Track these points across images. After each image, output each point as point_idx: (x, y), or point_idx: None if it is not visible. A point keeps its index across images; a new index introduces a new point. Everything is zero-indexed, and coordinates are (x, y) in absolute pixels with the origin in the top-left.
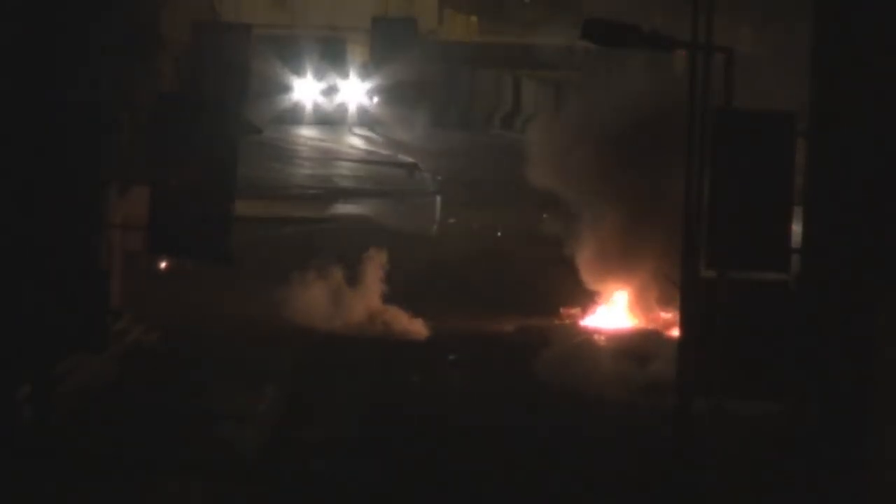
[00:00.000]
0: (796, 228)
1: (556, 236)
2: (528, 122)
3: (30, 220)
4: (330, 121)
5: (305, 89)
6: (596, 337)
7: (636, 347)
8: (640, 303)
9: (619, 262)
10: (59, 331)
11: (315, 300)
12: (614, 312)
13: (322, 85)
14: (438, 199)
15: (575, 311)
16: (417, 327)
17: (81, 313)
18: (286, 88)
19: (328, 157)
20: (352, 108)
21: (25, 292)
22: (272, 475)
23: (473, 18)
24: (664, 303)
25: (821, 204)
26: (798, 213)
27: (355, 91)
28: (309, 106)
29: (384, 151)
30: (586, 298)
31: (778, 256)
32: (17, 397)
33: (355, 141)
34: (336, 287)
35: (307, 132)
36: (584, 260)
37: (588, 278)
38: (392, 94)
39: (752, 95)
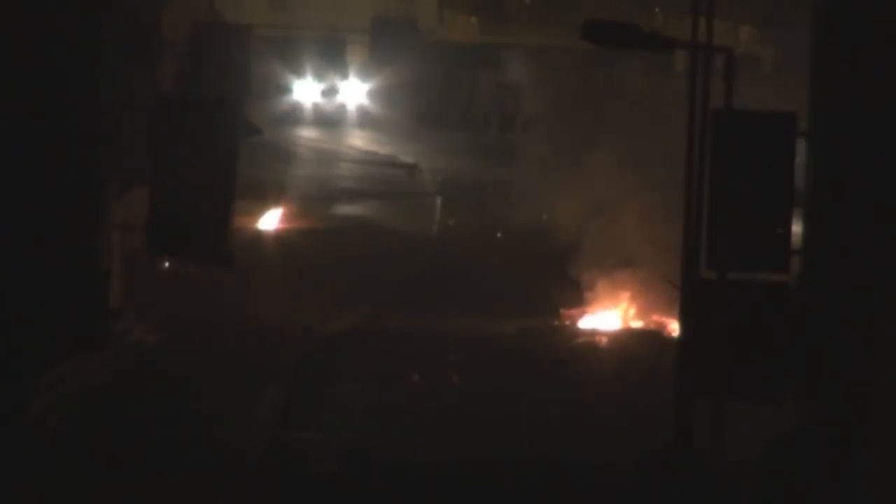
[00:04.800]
0: (796, 229)
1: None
2: (528, 122)
3: (30, 220)
4: (330, 121)
5: (305, 90)
6: (596, 338)
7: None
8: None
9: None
10: (59, 331)
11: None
12: (614, 313)
13: (322, 85)
14: (438, 199)
15: (575, 311)
16: None
17: (81, 313)
18: (286, 89)
19: (328, 157)
20: (351, 109)
21: (25, 292)
22: (272, 475)
23: (473, 19)
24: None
25: (821, 204)
26: (798, 213)
27: (355, 92)
28: (309, 106)
29: (384, 152)
30: (586, 299)
31: (778, 257)
32: (17, 397)
33: (355, 141)
34: None
35: (307, 133)
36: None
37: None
38: (392, 94)
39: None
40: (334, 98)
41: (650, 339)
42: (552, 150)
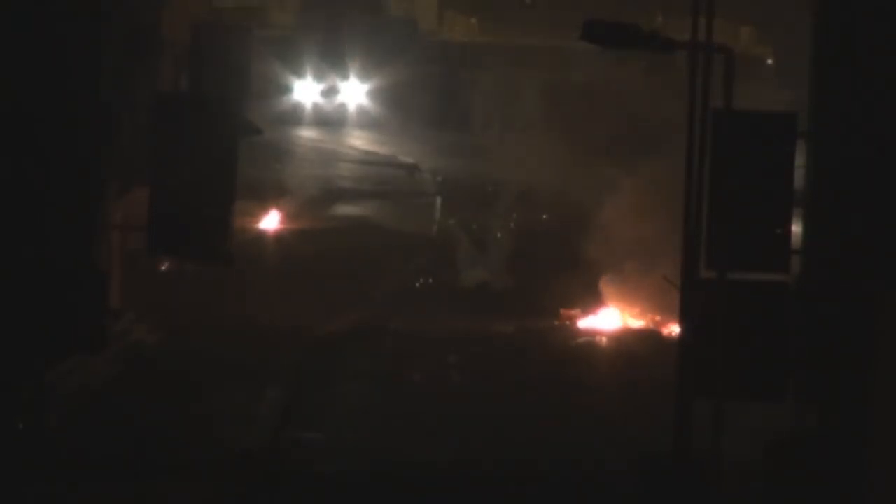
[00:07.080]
0: (796, 229)
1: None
2: (528, 123)
3: (30, 220)
4: (330, 121)
5: (305, 90)
6: (596, 338)
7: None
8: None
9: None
10: (58, 331)
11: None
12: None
13: (322, 85)
14: (438, 199)
15: (575, 311)
16: None
17: (81, 314)
18: (286, 89)
19: (328, 157)
20: (351, 109)
21: (25, 293)
22: (272, 475)
23: (473, 19)
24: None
25: (821, 204)
26: (798, 213)
27: (355, 92)
28: (309, 106)
29: (384, 152)
30: (586, 299)
31: (778, 257)
32: (17, 398)
33: (355, 141)
34: None
35: (307, 133)
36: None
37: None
38: (392, 95)
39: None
40: (334, 98)
41: (650, 339)
42: (552, 149)
